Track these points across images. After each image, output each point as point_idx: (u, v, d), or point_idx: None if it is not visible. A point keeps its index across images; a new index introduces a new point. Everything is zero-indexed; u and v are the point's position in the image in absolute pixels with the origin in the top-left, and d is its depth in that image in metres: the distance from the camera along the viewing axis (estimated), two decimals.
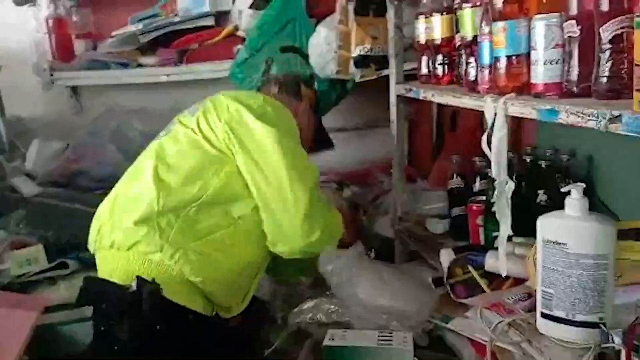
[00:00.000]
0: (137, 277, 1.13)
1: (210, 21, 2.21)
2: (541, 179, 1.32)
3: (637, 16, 0.68)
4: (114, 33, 2.23)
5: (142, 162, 1.34)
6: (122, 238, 1.21)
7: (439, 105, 2.22)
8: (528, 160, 1.36)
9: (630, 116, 0.70)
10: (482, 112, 1.84)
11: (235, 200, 1.24)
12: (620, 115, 0.71)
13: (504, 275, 1.16)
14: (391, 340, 1.15)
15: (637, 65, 0.68)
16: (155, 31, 2.15)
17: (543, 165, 1.31)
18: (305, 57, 2.00)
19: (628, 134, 0.70)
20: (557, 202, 1.24)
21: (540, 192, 1.31)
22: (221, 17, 2.28)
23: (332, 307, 1.28)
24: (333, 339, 1.15)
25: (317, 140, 1.63)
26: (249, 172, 1.24)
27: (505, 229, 1.08)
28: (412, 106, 2.21)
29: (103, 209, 1.32)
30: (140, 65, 2.22)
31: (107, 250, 1.25)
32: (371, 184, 2.41)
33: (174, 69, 2.16)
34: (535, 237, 1.27)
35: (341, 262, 1.33)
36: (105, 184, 1.99)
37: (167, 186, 1.23)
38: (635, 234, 1.09)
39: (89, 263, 1.65)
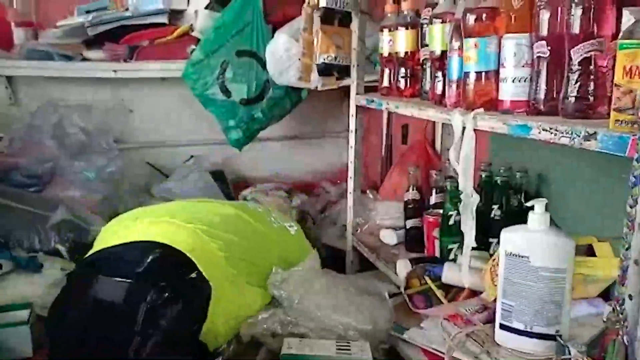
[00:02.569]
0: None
1: (163, 19, 2.14)
2: (495, 195, 1.36)
3: (620, 38, 0.71)
4: (59, 23, 2.11)
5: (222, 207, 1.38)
6: None
7: (389, 118, 2.27)
8: (483, 176, 1.40)
9: (605, 134, 0.73)
10: (434, 126, 1.91)
11: None
12: (595, 132, 0.74)
13: (466, 285, 1.17)
14: (349, 350, 1.14)
15: (616, 85, 0.71)
16: (105, 24, 2.05)
17: (498, 181, 1.35)
18: (262, 62, 1.97)
19: (603, 151, 0.73)
20: (510, 217, 1.29)
21: (495, 207, 1.35)
22: (174, 15, 2.22)
23: (288, 318, 1.25)
24: (291, 348, 1.13)
25: None
26: None
27: (469, 239, 1.09)
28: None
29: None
30: (85, 59, 2.11)
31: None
32: (319, 193, 2.42)
33: (123, 65, 2.06)
34: (488, 250, 1.32)
35: (291, 284, 1.30)
36: (43, 181, 1.89)
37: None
38: (586, 250, 1.14)
39: (22, 264, 1.55)
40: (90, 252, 1.20)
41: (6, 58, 2.07)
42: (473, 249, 1.22)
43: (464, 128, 1.05)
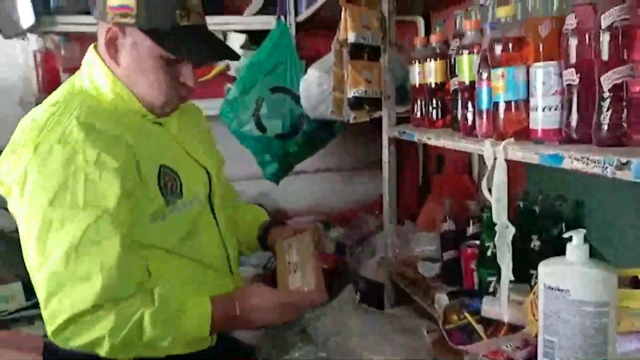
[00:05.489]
0: None
1: None
2: (534, 225, 1.32)
3: None
4: None
5: None
6: None
7: (425, 148, 2.26)
8: (521, 205, 1.37)
9: (639, 162, 0.70)
10: (470, 155, 1.88)
11: None
12: (628, 162, 0.72)
13: (506, 321, 1.14)
14: None
15: None
16: None
17: (536, 211, 1.32)
18: (296, 97, 2.01)
19: (637, 180, 0.70)
20: (550, 248, 1.25)
21: (534, 237, 1.31)
22: None
23: (323, 354, 1.24)
24: None
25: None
26: None
27: (506, 273, 1.07)
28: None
29: None
30: None
31: None
32: (356, 225, 2.41)
33: None
34: (529, 282, 1.28)
35: (326, 321, 1.29)
36: None
37: None
38: (632, 283, 1.08)
39: None
40: None
41: None
42: (513, 281, 1.19)
43: (495, 158, 1.04)
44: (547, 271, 0.98)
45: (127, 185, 1.02)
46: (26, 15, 1.99)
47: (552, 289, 0.96)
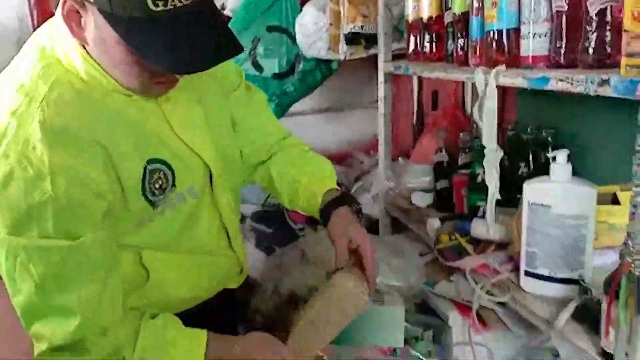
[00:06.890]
0: None
1: None
2: (522, 152, 1.39)
3: None
4: None
5: None
6: None
7: (420, 85, 2.30)
8: (510, 134, 1.43)
9: (618, 79, 0.76)
10: (463, 90, 1.93)
11: None
12: (609, 78, 0.78)
13: (491, 234, 1.22)
14: (382, 300, 1.21)
15: (625, 31, 0.74)
16: None
17: (525, 139, 1.38)
18: (292, 37, 2.03)
19: (616, 96, 0.77)
20: (537, 174, 1.32)
21: (522, 164, 1.38)
22: None
23: (322, 271, 1.33)
24: None
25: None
26: None
27: (493, 191, 1.14)
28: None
29: None
30: None
31: None
32: (352, 164, 2.48)
33: None
34: (517, 207, 1.36)
35: (324, 245, 1.36)
36: None
37: None
38: (612, 200, 1.16)
39: None
40: None
41: None
42: (501, 204, 1.26)
43: (487, 85, 1.09)
44: (532, 188, 1.06)
45: (105, 205, 0.86)
46: None
47: (535, 204, 1.04)
